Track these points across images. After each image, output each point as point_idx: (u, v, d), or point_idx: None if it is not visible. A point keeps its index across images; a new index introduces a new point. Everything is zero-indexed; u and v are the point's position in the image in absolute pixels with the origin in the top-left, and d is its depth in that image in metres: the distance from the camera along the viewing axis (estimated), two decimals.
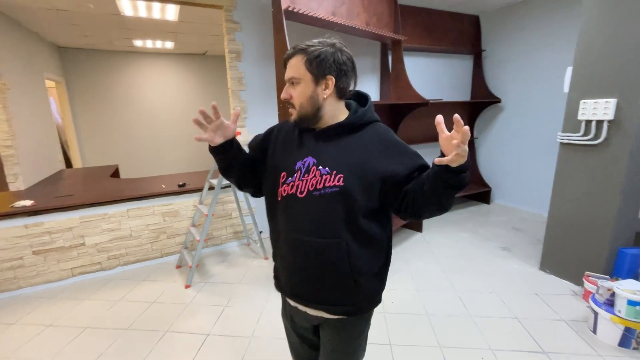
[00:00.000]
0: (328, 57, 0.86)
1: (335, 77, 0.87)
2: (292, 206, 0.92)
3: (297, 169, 0.91)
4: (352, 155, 0.88)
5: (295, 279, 0.97)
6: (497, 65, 4.16)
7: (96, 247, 2.69)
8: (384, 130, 0.93)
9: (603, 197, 2.18)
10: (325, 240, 0.88)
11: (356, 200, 0.86)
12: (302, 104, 0.89)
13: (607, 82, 2.09)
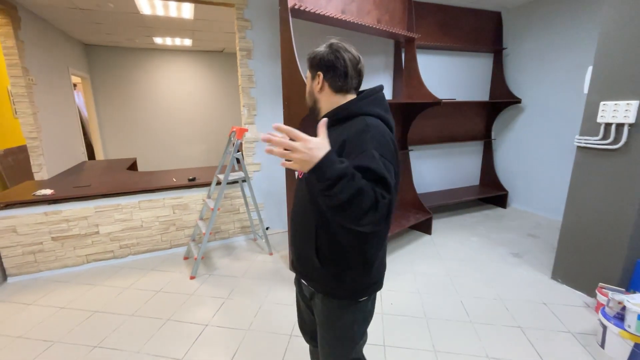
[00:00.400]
0: (317, 56, 0.99)
1: (324, 72, 0.98)
2: (297, 187, 1.08)
3: None
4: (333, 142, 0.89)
5: (292, 251, 1.12)
6: (518, 65, 3.99)
7: (109, 236, 2.81)
8: (361, 126, 0.89)
9: (621, 204, 2.06)
10: (300, 219, 1.01)
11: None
12: (307, 98, 1.06)
13: (629, 83, 1.96)
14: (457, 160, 4.38)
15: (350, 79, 0.99)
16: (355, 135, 0.87)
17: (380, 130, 0.89)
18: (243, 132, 2.66)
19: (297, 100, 2.23)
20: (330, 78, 0.98)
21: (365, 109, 0.95)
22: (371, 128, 0.88)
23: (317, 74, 0.99)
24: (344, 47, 0.99)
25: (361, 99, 0.97)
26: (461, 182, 4.47)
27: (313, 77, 1.02)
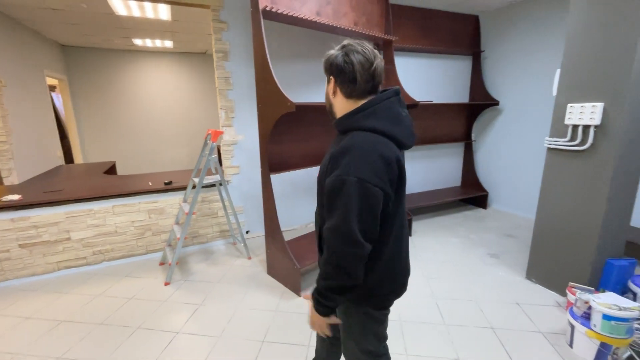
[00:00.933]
0: (329, 60, 0.95)
1: (335, 77, 0.95)
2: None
3: None
4: (328, 153, 0.96)
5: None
6: (496, 67, 4.05)
7: (81, 242, 2.74)
8: (347, 144, 0.89)
9: (589, 204, 2.09)
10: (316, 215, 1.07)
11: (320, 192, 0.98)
12: (325, 101, 1.04)
13: (594, 86, 2.00)
14: (439, 162, 4.42)
15: (360, 84, 0.92)
16: (338, 154, 0.88)
17: (365, 149, 0.86)
18: (218, 134, 2.62)
19: (271, 102, 2.21)
20: (341, 83, 0.94)
21: (358, 124, 0.92)
22: (353, 150, 0.86)
23: (330, 78, 0.97)
24: (356, 48, 0.91)
25: (358, 112, 0.93)
26: (443, 183, 4.51)
27: (328, 82, 0.99)
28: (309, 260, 2.42)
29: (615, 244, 2.19)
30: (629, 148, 1.97)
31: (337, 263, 0.86)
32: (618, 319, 1.59)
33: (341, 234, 0.84)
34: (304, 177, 3.53)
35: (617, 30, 1.87)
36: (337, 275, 0.87)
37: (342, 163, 0.86)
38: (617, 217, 2.11)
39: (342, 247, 0.85)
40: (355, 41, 0.93)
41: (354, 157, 0.85)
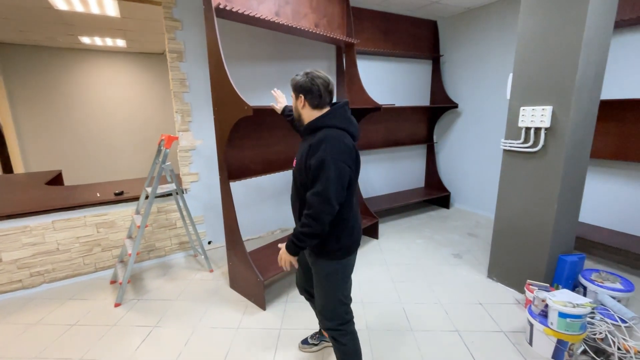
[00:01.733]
0: (298, 83, 1.34)
1: (304, 95, 1.34)
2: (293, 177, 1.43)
3: None
4: (303, 147, 1.32)
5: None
6: (454, 71, 4.19)
7: (15, 263, 2.43)
8: (322, 136, 1.26)
9: (542, 204, 2.18)
10: (292, 199, 1.45)
11: (298, 177, 1.34)
12: (293, 113, 1.45)
13: (543, 90, 2.09)
14: (403, 164, 4.48)
15: (323, 97, 1.33)
16: (316, 143, 1.25)
17: (335, 138, 1.25)
18: (172, 140, 2.45)
19: (227, 106, 2.08)
20: (309, 99, 1.34)
21: (326, 122, 1.31)
22: (328, 139, 1.25)
23: (299, 95, 1.35)
24: (317, 74, 1.33)
25: (325, 115, 1.32)
26: (407, 184, 4.58)
27: (297, 98, 1.37)
28: (273, 271, 2.32)
29: (566, 240, 2.30)
30: (575, 149, 2.07)
31: (315, 216, 1.22)
32: (573, 316, 1.65)
33: (322, 197, 1.21)
34: (271, 182, 3.42)
35: (563, 35, 1.95)
36: (313, 225, 1.23)
37: (321, 149, 1.22)
38: (567, 215, 2.21)
39: (321, 206, 1.21)
40: (314, 69, 1.35)
41: (329, 144, 1.23)
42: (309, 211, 1.23)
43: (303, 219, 1.25)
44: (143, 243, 2.90)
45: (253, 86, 3.10)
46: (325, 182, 1.19)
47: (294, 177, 1.38)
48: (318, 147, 1.22)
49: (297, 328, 2.05)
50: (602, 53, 2.03)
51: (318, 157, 1.20)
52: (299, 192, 1.35)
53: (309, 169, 1.24)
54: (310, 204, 1.22)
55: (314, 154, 1.22)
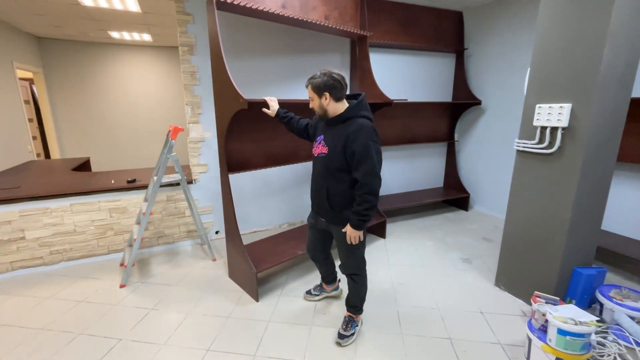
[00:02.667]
0: (320, 84, 1.58)
1: (329, 92, 1.58)
2: (313, 161, 1.78)
3: (316, 141, 1.74)
4: (335, 136, 1.61)
5: (312, 197, 1.84)
6: (480, 65, 3.94)
7: (37, 241, 2.64)
8: (358, 125, 1.55)
9: (556, 210, 1.99)
10: (319, 181, 1.72)
11: (331, 163, 1.62)
12: (317, 110, 1.67)
13: (562, 86, 1.90)
14: (420, 162, 4.31)
15: (344, 90, 1.62)
16: (354, 132, 1.53)
17: (369, 126, 1.56)
18: (178, 131, 2.52)
19: (225, 99, 2.10)
20: (334, 94, 1.59)
21: (359, 113, 1.59)
22: (365, 127, 1.54)
23: (323, 94, 1.59)
24: (332, 72, 1.59)
25: (355, 107, 1.60)
26: (425, 184, 4.41)
27: (320, 97, 1.60)
28: (269, 263, 2.33)
29: (583, 251, 2.10)
30: (596, 152, 1.87)
31: (374, 191, 1.52)
32: (573, 334, 1.50)
33: (374, 174, 1.51)
34: (278, 176, 3.43)
35: (585, 23, 1.76)
36: (372, 199, 1.53)
37: (361, 136, 1.51)
38: (585, 224, 2.01)
39: (376, 182, 1.52)
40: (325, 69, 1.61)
41: (367, 131, 1.53)
42: (364, 189, 1.51)
43: (359, 198, 1.54)
44: (152, 229, 3.03)
45: (265, 80, 3.11)
46: (372, 162, 1.49)
47: (325, 163, 1.65)
48: (358, 135, 1.50)
49: (285, 322, 2.05)
50: (634, 44, 1.80)
51: (361, 143, 1.49)
52: (332, 175, 1.63)
53: (352, 154, 1.51)
54: (365, 182, 1.51)
55: (354, 140, 1.50)
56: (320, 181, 1.70)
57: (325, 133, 1.68)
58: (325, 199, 1.68)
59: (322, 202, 1.71)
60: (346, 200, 1.65)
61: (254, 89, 3.08)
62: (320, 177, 1.70)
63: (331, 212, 1.70)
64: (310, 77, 1.61)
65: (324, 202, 1.70)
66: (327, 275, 2.19)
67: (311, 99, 1.64)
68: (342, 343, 1.83)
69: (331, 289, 2.26)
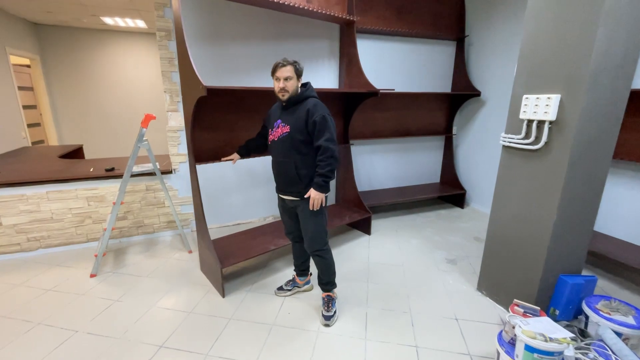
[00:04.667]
0: (301, 68, 1.81)
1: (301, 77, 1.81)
2: (273, 145, 1.87)
3: (274, 126, 1.86)
4: (295, 114, 1.78)
5: (278, 181, 1.92)
6: (481, 54, 3.69)
7: (14, 227, 2.64)
8: (313, 102, 1.77)
9: (540, 212, 1.82)
10: (284, 159, 1.81)
11: (295, 137, 1.75)
12: (291, 90, 1.76)
13: (551, 74, 1.70)
14: (415, 156, 4.13)
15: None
16: (312, 107, 1.74)
17: (321, 103, 1.79)
18: (149, 119, 2.44)
19: (189, 85, 2.01)
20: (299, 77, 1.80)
21: (312, 94, 1.83)
22: (319, 103, 1.78)
23: (300, 77, 1.81)
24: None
25: (309, 89, 1.84)
26: (419, 179, 4.23)
27: (298, 78, 1.79)
28: (237, 258, 2.25)
29: (572, 257, 1.92)
30: (588, 149, 1.68)
31: (334, 154, 1.71)
32: (542, 352, 1.35)
33: (333, 141, 1.72)
34: (263, 167, 3.33)
35: (577, 5, 1.55)
36: (334, 162, 1.72)
37: (318, 110, 1.73)
38: (574, 227, 1.83)
39: (335, 147, 1.72)
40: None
41: (321, 106, 1.76)
42: (327, 153, 1.70)
43: (322, 162, 1.71)
44: (132, 219, 3.00)
45: (247, 67, 3.00)
46: (330, 131, 1.72)
47: (289, 140, 1.77)
48: (316, 108, 1.73)
49: (247, 320, 1.97)
50: (636, 28, 1.59)
51: (319, 115, 1.70)
52: (297, 149, 1.76)
53: (313, 125, 1.70)
54: (326, 147, 1.69)
55: (314, 114, 1.71)
56: (285, 159, 1.81)
57: (282, 116, 1.83)
58: (294, 173, 1.79)
59: (290, 177, 1.81)
60: (312, 170, 1.79)
61: (236, 76, 2.97)
62: (284, 156, 1.81)
63: (300, 184, 1.81)
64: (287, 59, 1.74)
65: (293, 176, 1.80)
66: (303, 261, 2.21)
67: (288, 78, 1.73)
68: (330, 323, 1.93)
69: (303, 282, 2.25)
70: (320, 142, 1.71)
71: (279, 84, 1.74)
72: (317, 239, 1.91)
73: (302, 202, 1.85)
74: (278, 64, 1.73)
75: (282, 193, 1.94)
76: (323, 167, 1.71)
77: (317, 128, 1.71)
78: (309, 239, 1.92)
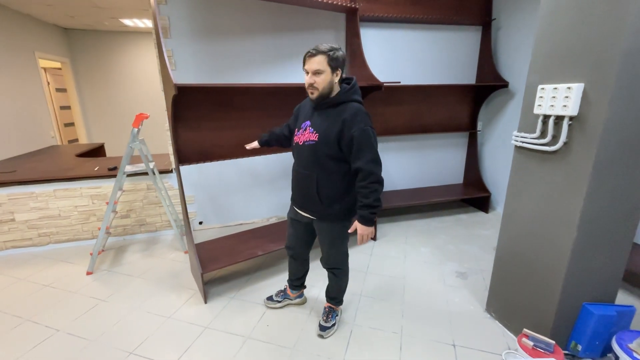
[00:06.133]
0: (341, 57, 1.40)
1: (342, 69, 1.42)
2: (296, 150, 1.58)
3: (301, 127, 1.54)
4: (327, 121, 1.44)
5: (295, 192, 1.66)
6: (510, 39, 3.26)
7: (26, 223, 2.78)
8: (354, 110, 1.41)
9: (557, 227, 1.50)
10: (305, 172, 1.52)
11: (321, 150, 1.44)
12: (322, 87, 1.41)
13: (573, 58, 1.37)
14: (435, 155, 3.79)
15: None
16: (351, 117, 1.39)
17: (364, 111, 1.43)
18: (141, 119, 2.42)
19: (166, 83, 1.93)
20: (342, 73, 1.45)
21: (354, 97, 1.45)
22: (361, 111, 1.41)
23: (338, 70, 1.41)
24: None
25: (350, 91, 1.45)
26: (441, 179, 3.88)
27: (334, 71, 1.40)
28: (221, 263, 2.15)
29: (599, 281, 1.58)
30: (621, 149, 1.34)
31: (379, 179, 1.39)
32: None
33: (377, 162, 1.39)
34: (265, 166, 3.23)
35: None
36: (379, 188, 1.39)
37: (357, 120, 1.38)
38: (601, 246, 1.49)
39: (379, 169, 1.39)
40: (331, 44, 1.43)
41: (363, 116, 1.41)
42: (371, 178, 1.37)
43: (366, 189, 1.38)
44: (134, 217, 3.04)
45: (247, 62, 2.89)
46: (373, 149, 1.38)
47: (314, 151, 1.46)
48: (355, 119, 1.38)
49: (223, 330, 1.87)
50: None
51: (359, 129, 1.36)
52: (322, 165, 1.46)
53: (350, 141, 1.37)
54: (370, 172, 1.37)
55: (352, 126, 1.36)
56: (307, 172, 1.51)
57: (313, 118, 1.50)
58: (314, 192, 1.50)
59: (309, 195, 1.54)
60: (336, 193, 1.51)
61: (235, 73, 2.88)
62: (306, 168, 1.51)
63: (320, 205, 1.53)
64: (320, 47, 1.36)
65: (312, 195, 1.52)
66: (299, 277, 1.98)
67: (318, 72, 1.37)
68: (324, 335, 1.79)
69: (295, 296, 2.05)
70: (360, 164, 1.37)
71: (307, 78, 1.41)
72: (334, 260, 1.72)
73: (321, 223, 1.61)
74: (307, 54, 1.39)
75: (297, 206, 1.68)
76: (367, 195, 1.38)
77: (355, 145, 1.36)
78: (326, 257, 1.73)
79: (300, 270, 1.95)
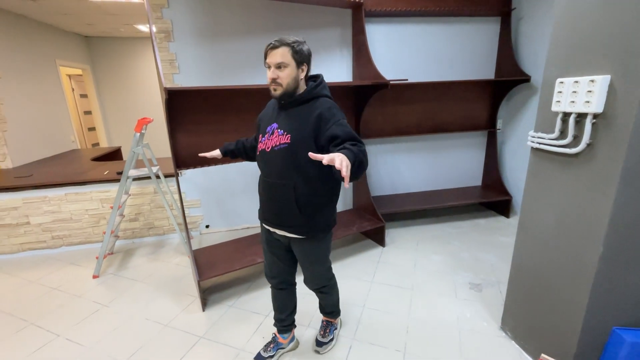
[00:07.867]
0: (306, 51, 1.29)
1: (308, 64, 1.31)
2: (263, 158, 1.37)
3: (266, 132, 1.36)
4: (298, 118, 1.28)
5: (266, 208, 1.43)
6: (532, 30, 3.01)
7: (40, 226, 2.86)
8: (327, 104, 1.28)
9: (580, 241, 1.32)
10: (279, 181, 1.32)
11: (297, 153, 1.25)
12: (286, 83, 1.26)
13: (598, 47, 1.19)
14: (451, 156, 3.58)
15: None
16: (327, 111, 1.25)
17: (337, 105, 1.31)
18: (143, 123, 2.41)
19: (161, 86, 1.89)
20: (308, 68, 1.32)
21: (324, 93, 1.34)
22: (334, 106, 1.30)
23: (304, 65, 1.29)
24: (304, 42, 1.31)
25: (320, 86, 1.34)
26: (458, 181, 3.67)
27: (299, 66, 1.27)
28: (218, 271, 2.10)
29: (632, 303, 1.37)
30: None
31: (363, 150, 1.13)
32: None
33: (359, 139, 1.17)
34: None
35: None
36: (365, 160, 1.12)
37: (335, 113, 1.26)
38: (632, 263, 1.29)
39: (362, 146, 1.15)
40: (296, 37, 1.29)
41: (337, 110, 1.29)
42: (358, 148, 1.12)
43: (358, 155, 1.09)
44: (143, 220, 3.07)
45: (247, 64, 2.84)
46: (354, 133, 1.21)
47: (289, 154, 1.27)
48: (331, 112, 1.26)
49: (216, 340, 1.81)
50: None
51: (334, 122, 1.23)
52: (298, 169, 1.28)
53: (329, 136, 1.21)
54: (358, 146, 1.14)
55: (329, 119, 1.23)
56: (281, 182, 1.31)
57: (279, 120, 1.32)
58: (292, 201, 1.30)
59: (287, 208, 1.33)
60: (318, 201, 1.34)
61: (237, 74, 2.84)
62: (280, 177, 1.31)
63: (300, 218, 1.32)
64: (283, 38, 1.23)
65: (290, 207, 1.31)
66: (289, 312, 1.67)
67: (282, 65, 1.22)
68: (321, 351, 1.68)
69: (287, 340, 1.70)
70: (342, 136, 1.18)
71: (269, 73, 1.26)
72: (319, 278, 1.57)
73: (299, 240, 1.39)
74: (268, 46, 1.24)
75: (270, 225, 1.42)
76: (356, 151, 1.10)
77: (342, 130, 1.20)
78: (309, 278, 1.56)
79: (290, 302, 1.66)
